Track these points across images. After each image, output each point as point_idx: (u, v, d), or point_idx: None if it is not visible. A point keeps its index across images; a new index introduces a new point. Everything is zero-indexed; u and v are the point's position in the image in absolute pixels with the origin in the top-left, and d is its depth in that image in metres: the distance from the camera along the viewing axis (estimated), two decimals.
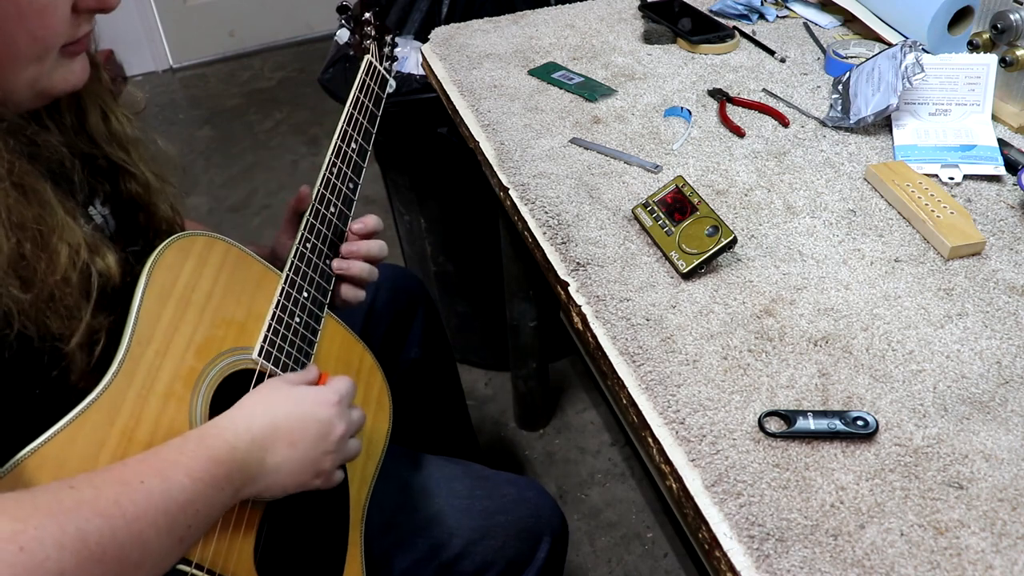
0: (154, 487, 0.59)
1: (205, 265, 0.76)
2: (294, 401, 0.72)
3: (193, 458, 0.63)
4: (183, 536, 0.60)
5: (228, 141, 2.89)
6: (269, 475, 0.69)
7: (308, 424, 0.72)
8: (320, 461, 0.73)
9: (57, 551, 0.50)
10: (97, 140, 0.77)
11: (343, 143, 0.95)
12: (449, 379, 1.34)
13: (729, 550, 0.62)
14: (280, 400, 0.72)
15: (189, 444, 0.64)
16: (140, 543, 0.56)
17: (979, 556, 0.61)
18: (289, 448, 0.70)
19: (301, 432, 0.71)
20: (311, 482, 0.73)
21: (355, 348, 0.90)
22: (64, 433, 0.62)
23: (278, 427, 0.70)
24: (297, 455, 0.70)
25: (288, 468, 0.70)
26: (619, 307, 0.84)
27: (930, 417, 0.72)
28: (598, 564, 1.53)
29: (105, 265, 0.69)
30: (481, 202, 1.55)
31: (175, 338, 0.71)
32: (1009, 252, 0.89)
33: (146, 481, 0.59)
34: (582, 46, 1.35)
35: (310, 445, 0.72)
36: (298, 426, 0.71)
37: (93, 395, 0.64)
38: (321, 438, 0.73)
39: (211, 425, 0.68)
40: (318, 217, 0.88)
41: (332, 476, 0.75)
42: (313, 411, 0.73)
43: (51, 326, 0.64)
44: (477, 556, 0.91)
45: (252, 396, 0.72)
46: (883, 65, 1.09)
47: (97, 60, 0.77)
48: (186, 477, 0.61)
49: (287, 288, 0.82)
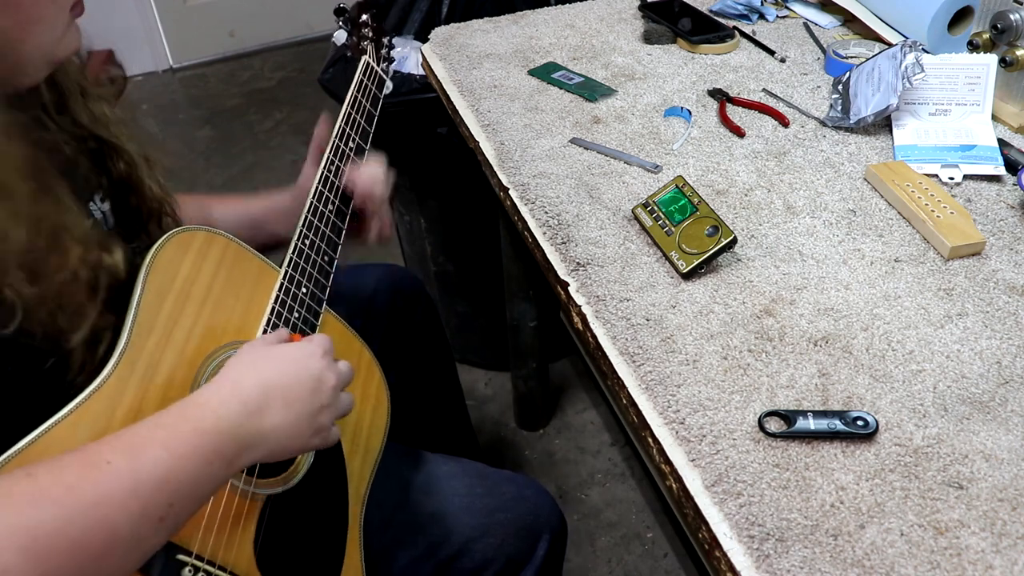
0: (121, 467, 0.56)
1: (205, 260, 0.76)
2: (280, 359, 0.69)
3: (172, 431, 0.60)
4: (164, 516, 0.57)
5: (228, 141, 2.89)
6: (270, 439, 0.66)
7: (301, 380, 0.69)
8: (317, 416, 0.69)
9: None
10: (80, 120, 0.77)
11: (341, 142, 0.97)
12: (449, 379, 1.34)
13: (729, 550, 0.62)
14: (266, 361, 0.69)
15: (167, 417, 0.62)
16: (105, 529, 0.53)
17: (979, 556, 0.61)
18: (285, 408, 0.67)
19: (296, 389, 0.68)
20: (311, 441, 0.70)
21: (353, 344, 0.90)
22: (66, 422, 0.62)
23: (270, 388, 0.67)
24: (293, 413, 0.67)
25: (287, 429, 0.67)
26: (619, 307, 0.84)
27: (930, 417, 0.72)
28: (598, 564, 1.53)
29: (113, 261, 0.69)
30: (481, 202, 1.55)
31: (175, 331, 0.72)
32: (1009, 252, 0.89)
33: (113, 461, 0.56)
34: (582, 46, 1.35)
35: (306, 401, 0.69)
36: (291, 383, 0.68)
37: (95, 384, 0.65)
38: (315, 392, 0.69)
39: (194, 395, 0.65)
40: (316, 214, 0.89)
41: (330, 433, 0.72)
42: (304, 366, 0.70)
43: (58, 322, 0.64)
44: (476, 554, 0.91)
45: (234, 362, 0.69)
46: (883, 65, 1.09)
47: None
48: (163, 450, 0.58)
49: (286, 283, 0.82)
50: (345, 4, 1.12)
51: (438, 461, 0.98)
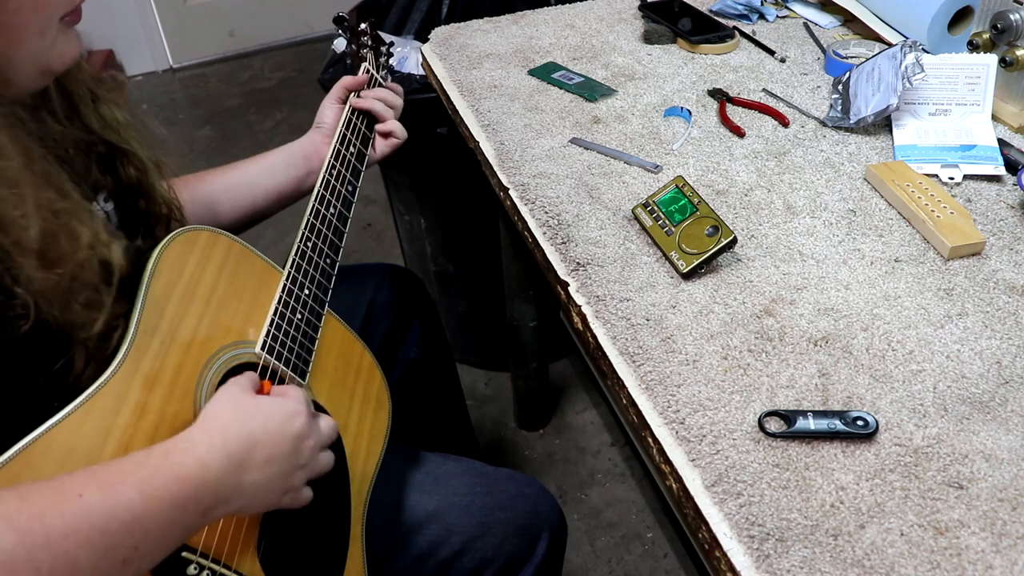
0: (94, 502, 0.54)
1: (209, 260, 0.77)
2: (266, 413, 0.68)
3: (153, 473, 0.59)
4: (126, 558, 0.55)
5: (228, 141, 2.89)
6: (245, 495, 0.65)
7: (284, 438, 0.68)
8: (292, 476, 0.69)
9: None
10: (91, 126, 0.77)
11: (341, 146, 0.99)
12: (449, 379, 1.34)
13: (729, 550, 0.62)
14: (251, 412, 0.67)
15: (151, 458, 0.60)
16: (67, 563, 0.52)
17: (979, 556, 0.61)
18: (265, 465, 0.66)
19: (277, 447, 0.67)
20: (281, 499, 0.69)
21: (355, 346, 0.91)
22: (71, 419, 0.62)
23: (255, 443, 0.66)
24: (271, 471, 0.66)
25: (263, 486, 0.66)
26: (619, 307, 0.84)
27: (930, 417, 0.72)
28: (598, 564, 1.53)
29: (119, 250, 0.69)
30: (481, 202, 1.55)
31: (180, 330, 0.72)
32: (1009, 252, 0.89)
33: (85, 495, 0.54)
34: (582, 46, 1.35)
35: (285, 460, 0.68)
36: (274, 440, 0.67)
37: (100, 381, 0.64)
38: (295, 452, 0.69)
39: (179, 439, 0.63)
40: (318, 217, 0.90)
41: (301, 493, 0.71)
42: (289, 424, 0.69)
43: (73, 312, 0.64)
44: (477, 553, 0.91)
45: (217, 407, 0.67)
46: (883, 65, 1.09)
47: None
48: (137, 493, 0.56)
49: (289, 285, 0.83)
50: (344, 13, 1.13)
51: (438, 461, 0.99)
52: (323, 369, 0.85)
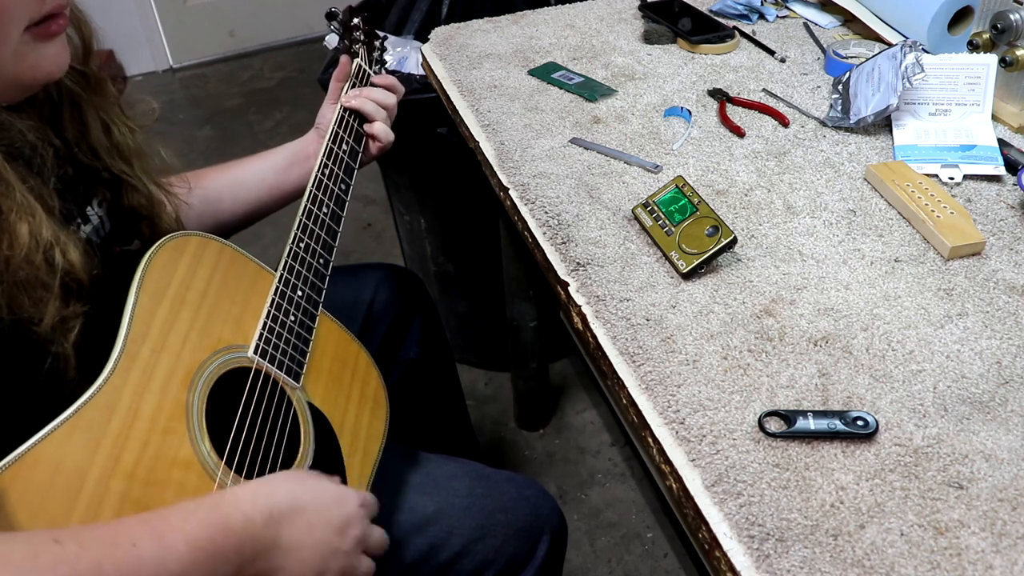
0: (146, 552, 0.56)
1: (199, 264, 0.76)
2: (322, 490, 0.70)
3: (199, 525, 0.60)
4: None
5: (228, 141, 2.89)
6: (281, 553, 0.65)
7: (331, 515, 0.69)
8: (331, 558, 0.69)
9: None
10: (99, 152, 0.77)
11: (334, 144, 0.98)
12: (448, 379, 1.34)
13: (729, 550, 0.62)
14: (306, 486, 0.70)
15: (200, 511, 0.62)
16: None
17: (979, 556, 0.61)
18: (307, 531, 0.67)
19: (322, 518, 0.68)
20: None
21: (351, 346, 0.90)
22: (60, 431, 0.62)
23: (300, 507, 0.67)
24: (311, 540, 0.67)
25: (299, 552, 0.66)
26: (619, 307, 0.84)
27: (930, 417, 0.72)
28: (598, 564, 1.53)
29: (70, 253, 0.68)
30: (481, 202, 1.55)
31: (170, 336, 0.71)
32: (1009, 252, 0.89)
33: (139, 544, 0.56)
34: (582, 46, 1.35)
35: (328, 535, 0.68)
36: (320, 513, 0.68)
37: (89, 393, 0.64)
38: (339, 532, 0.69)
39: (229, 492, 0.65)
40: (311, 217, 0.90)
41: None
42: (337, 504, 0.70)
43: (23, 306, 0.63)
44: (477, 555, 0.91)
45: (278, 475, 0.70)
46: (883, 65, 1.09)
47: (104, 75, 0.77)
48: (184, 545, 0.58)
49: (281, 287, 0.82)
50: (337, 8, 1.12)
51: (438, 462, 0.98)
52: (319, 370, 0.85)
